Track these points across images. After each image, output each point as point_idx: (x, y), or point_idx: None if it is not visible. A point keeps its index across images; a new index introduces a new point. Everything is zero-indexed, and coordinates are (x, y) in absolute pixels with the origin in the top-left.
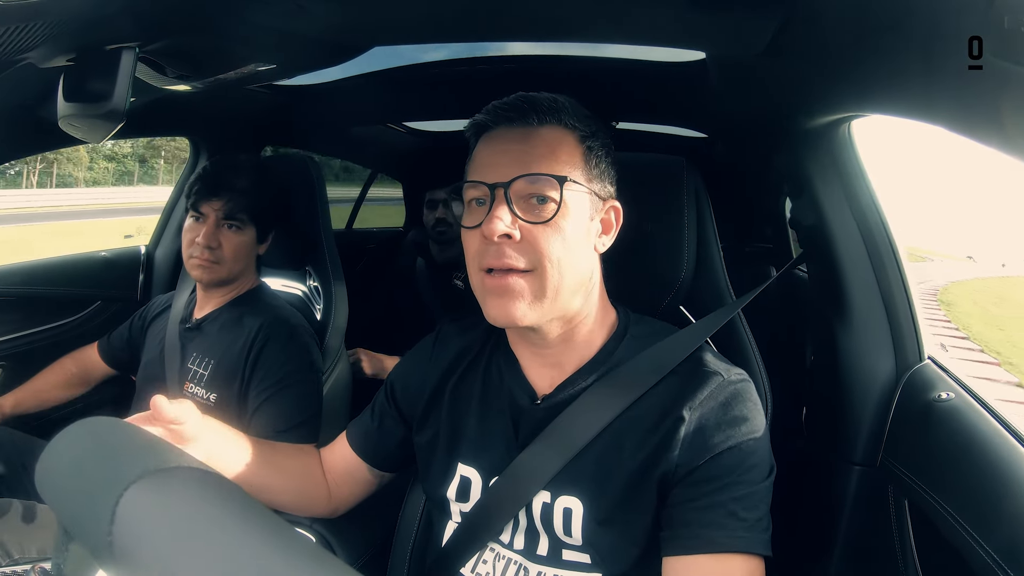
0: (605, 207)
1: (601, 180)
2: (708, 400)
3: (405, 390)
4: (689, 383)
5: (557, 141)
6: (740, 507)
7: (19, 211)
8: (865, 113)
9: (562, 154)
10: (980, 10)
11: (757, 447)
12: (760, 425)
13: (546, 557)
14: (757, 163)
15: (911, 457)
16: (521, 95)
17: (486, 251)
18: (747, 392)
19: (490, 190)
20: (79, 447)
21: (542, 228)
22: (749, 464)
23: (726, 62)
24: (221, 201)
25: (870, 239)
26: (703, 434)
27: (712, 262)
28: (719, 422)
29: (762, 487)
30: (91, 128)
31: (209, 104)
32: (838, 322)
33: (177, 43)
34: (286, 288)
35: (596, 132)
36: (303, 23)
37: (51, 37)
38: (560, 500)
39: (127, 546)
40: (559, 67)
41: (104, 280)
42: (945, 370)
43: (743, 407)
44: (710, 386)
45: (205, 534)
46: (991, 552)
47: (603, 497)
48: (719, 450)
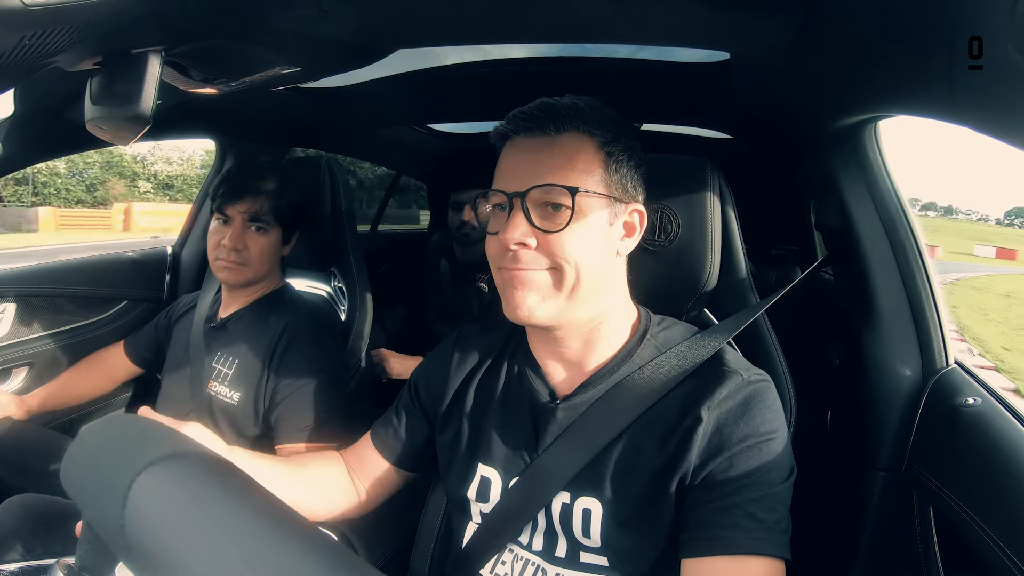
0: (628, 210)
1: (622, 184)
2: (726, 400)
3: (428, 390)
4: (708, 383)
5: (575, 149)
6: (758, 508)
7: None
8: (891, 114)
9: (579, 162)
10: (1005, 8)
11: (776, 448)
12: (779, 426)
13: (564, 559)
14: (782, 164)
15: (937, 463)
16: (540, 103)
17: (504, 256)
18: (766, 392)
19: (508, 199)
20: (101, 443)
21: (557, 235)
22: (768, 465)
23: (750, 62)
24: (247, 203)
25: (896, 241)
26: (720, 434)
27: (737, 264)
28: (736, 422)
29: (781, 488)
30: (118, 131)
31: (234, 107)
32: (864, 325)
33: (203, 47)
34: (311, 289)
35: (619, 135)
36: (327, 26)
37: (78, 41)
38: (580, 501)
39: (138, 532)
40: (583, 68)
41: (131, 280)
42: (971, 375)
43: (761, 407)
44: (729, 386)
45: (213, 518)
46: (1017, 561)
47: (622, 499)
48: (736, 450)
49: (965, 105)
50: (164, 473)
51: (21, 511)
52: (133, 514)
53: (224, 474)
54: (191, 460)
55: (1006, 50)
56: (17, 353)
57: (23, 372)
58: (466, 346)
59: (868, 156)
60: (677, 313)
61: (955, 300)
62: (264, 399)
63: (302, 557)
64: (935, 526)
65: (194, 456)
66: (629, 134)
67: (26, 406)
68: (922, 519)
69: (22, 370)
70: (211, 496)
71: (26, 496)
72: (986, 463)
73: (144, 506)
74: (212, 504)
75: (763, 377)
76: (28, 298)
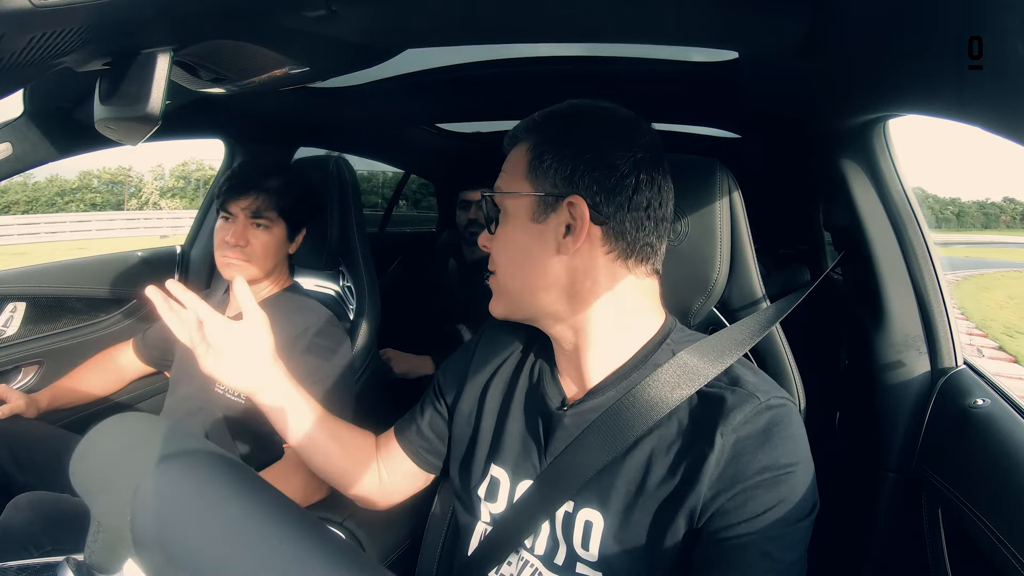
0: (563, 205)
1: (550, 178)
2: (744, 425)
3: (449, 388)
4: (724, 404)
5: (513, 157)
6: (775, 548)
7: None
8: (900, 113)
9: (509, 167)
10: (1016, 6)
11: (797, 481)
12: (803, 457)
13: (561, 567)
14: (791, 164)
15: (946, 464)
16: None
17: None
18: (788, 418)
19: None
20: (110, 441)
21: (494, 238)
22: (787, 501)
23: (760, 61)
24: (249, 199)
25: (905, 241)
26: (736, 464)
27: (746, 264)
28: (755, 452)
29: (801, 527)
30: (127, 131)
31: (243, 106)
32: (872, 325)
33: (212, 47)
34: (320, 288)
35: (550, 134)
36: (335, 26)
37: (88, 41)
38: (582, 512)
39: (146, 528)
40: (590, 69)
41: (140, 279)
42: (981, 376)
43: (783, 436)
44: (746, 410)
45: (220, 514)
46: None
47: (625, 516)
48: (752, 483)
49: (975, 104)
50: (172, 470)
51: (30, 508)
52: (140, 511)
53: (232, 472)
54: (200, 458)
55: (1016, 49)
56: (27, 351)
57: (33, 370)
58: (489, 346)
59: (877, 155)
60: (685, 313)
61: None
62: None
63: (309, 555)
64: (944, 527)
65: (203, 454)
66: (565, 128)
67: (36, 404)
68: (931, 520)
69: (32, 368)
70: (219, 493)
71: (35, 494)
72: (995, 464)
73: (152, 503)
74: (220, 501)
75: (784, 400)
76: (38, 297)
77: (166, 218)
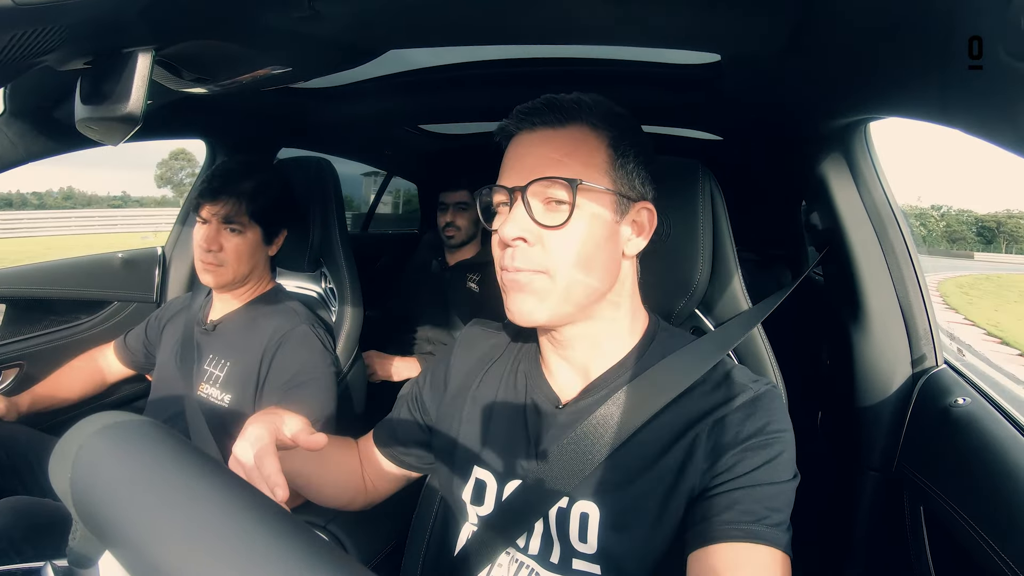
0: (636, 208)
1: (630, 180)
2: (731, 404)
3: (429, 391)
4: (715, 395)
5: (578, 142)
6: (764, 501)
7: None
8: (881, 115)
9: (582, 155)
10: (998, 11)
11: (782, 447)
12: (786, 427)
13: (557, 565)
14: (773, 166)
15: (927, 463)
16: (545, 98)
17: (503, 254)
18: (773, 397)
19: (509, 194)
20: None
21: (556, 233)
22: (775, 462)
23: (742, 64)
24: (219, 205)
25: (887, 243)
26: (726, 435)
27: (727, 266)
28: (744, 422)
29: (786, 487)
30: (108, 130)
31: (225, 106)
32: (854, 326)
33: (194, 47)
34: (301, 290)
35: (626, 131)
36: (318, 27)
37: (69, 40)
38: (577, 505)
39: (85, 496)
40: (573, 70)
41: (121, 281)
42: (961, 375)
43: (768, 409)
44: (733, 392)
45: (154, 480)
46: (1007, 560)
47: (621, 504)
48: (743, 447)
49: (955, 107)
50: (109, 437)
51: (12, 513)
52: (79, 478)
53: (169, 441)
54: (138, 426)
55: (997, 53)
56: (7, 354)
57: (13, 373)
58: (468, 348)
59: (858, 157)
60: (667, 315)
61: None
62: (255, 401)
63: (248, 519)
64: (925, 525)
65: (142, 423)
66: (636, 130)
67: (16, 407)
68: (912, 518)
69: (11, 371)
70: (154, 459)
71: (16, 498)
72: (976, 463)
73: (88, 470)
74: (154, 467)
75: (769, 385)
76: (18, 299)
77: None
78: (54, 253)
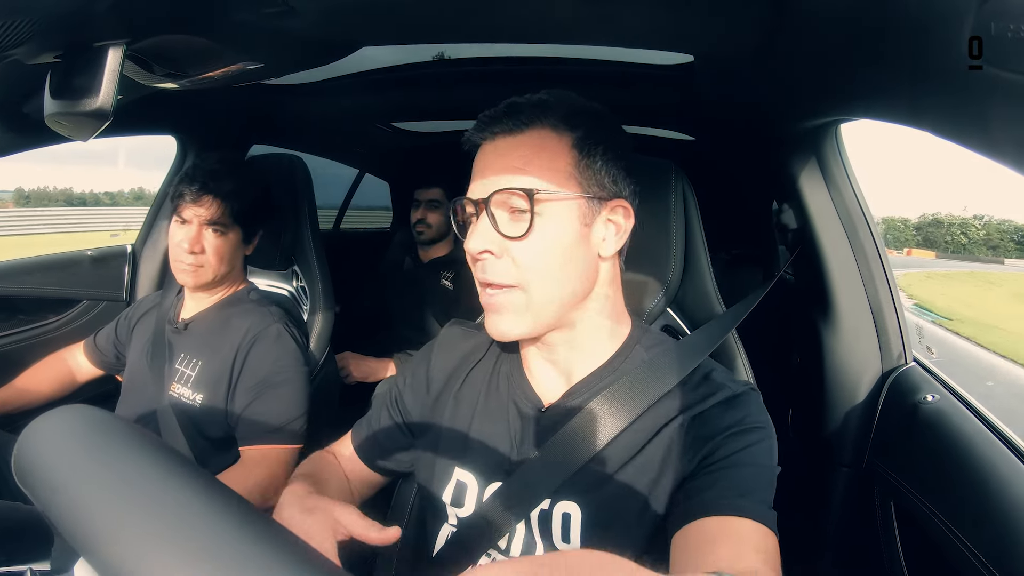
0: (609, 207)
1: (599, 179)
2: (710, 400)
3: (409, 392)
4: (694, 393)
5: (537, 148)
6: (747, 480)
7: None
8: (853, 117)
9: (543, 160)
10: (968, 16)
11: (762, 437)
12: (766, 423)
13: None
14: (745, 166)
15: (897, 459)
16: (506, 103)
17: (475, 267)
18: (753, 396)
19: (475, 206)
20: (51, 435)
21: (521, 244)
22: (755, 448)
23: (714, 65)
24: (203, 206)
25: (856, 242)
26: (706, 428)
27: (700, 266)
28: (723, 415)
29: (768, 471)
30: (78, 126)
31: (196, 102)
32: (824, 324)
33: (165, 41)
34: (273, 288)
35: (593, 129)
36: (292, 22)
37: (39, 33)
38: (559, 506)
39: (30, 476)
40: (546, 69)
41: (90, 279)
42: (930, 372)
43: (747, 405)
44: (713, 391)
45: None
46: (976, 552)
47: (604, 502)
48: (723, 436)
49: (926, 110)
50: (54, 420)
51: None
52: (24, 458)
53: (109, 425)
54: (84, 412)
55: (967, 57)
56: None
57: None
58: (447, 349)
59: (829, 158)
60: (641, 311)
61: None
62: (228, 401)
63: (217, 516)
64: (896, 520)
65: (87, 410)
66: (606, 126)
67: None
68: (884, 513)
69: None
70: (118, 454)
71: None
72: (945, 458)
73: (33, 453)
74: (118, 462)
75: (748, 386)
76: None
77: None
78: (118, 240)
